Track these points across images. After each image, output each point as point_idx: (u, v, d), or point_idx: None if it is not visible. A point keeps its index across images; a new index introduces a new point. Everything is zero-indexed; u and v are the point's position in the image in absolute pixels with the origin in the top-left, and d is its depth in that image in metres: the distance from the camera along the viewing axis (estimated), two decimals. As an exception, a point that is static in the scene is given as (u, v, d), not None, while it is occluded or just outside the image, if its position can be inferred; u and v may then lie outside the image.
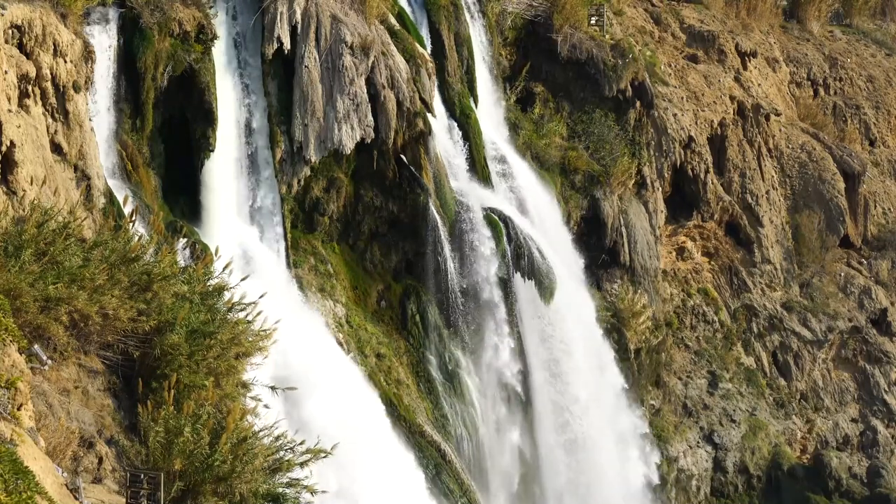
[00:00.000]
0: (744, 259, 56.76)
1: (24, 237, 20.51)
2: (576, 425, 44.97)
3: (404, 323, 41.72)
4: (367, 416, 36.59)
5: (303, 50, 38.91)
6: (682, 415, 52.23)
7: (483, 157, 45.20)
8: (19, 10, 29.56)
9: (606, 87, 50.64)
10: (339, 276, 40.55)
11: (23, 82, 29.48)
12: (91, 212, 30.52)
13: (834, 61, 67.88)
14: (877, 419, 57.25)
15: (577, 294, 46.44)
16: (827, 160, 60.47)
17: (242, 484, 19.14)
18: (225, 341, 21.56)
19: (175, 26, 35.80)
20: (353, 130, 39.29)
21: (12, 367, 17.24)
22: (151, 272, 21.86)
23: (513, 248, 43.03)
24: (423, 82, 41.42)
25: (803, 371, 56.55)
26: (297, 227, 39.81)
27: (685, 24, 60.81)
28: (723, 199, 55.55)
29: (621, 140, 50.65)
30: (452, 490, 39.02)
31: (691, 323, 54.57)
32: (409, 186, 41.16)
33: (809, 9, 68.84)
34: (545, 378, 44.33)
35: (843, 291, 58.96)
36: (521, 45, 51.15)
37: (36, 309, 19.68)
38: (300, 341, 33.88)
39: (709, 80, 57.19)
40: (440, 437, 39.78)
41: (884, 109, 67.50)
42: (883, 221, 62.97)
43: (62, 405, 19.64)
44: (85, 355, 21.02)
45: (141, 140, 35.63)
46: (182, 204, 36.94)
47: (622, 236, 49.58)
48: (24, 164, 28.03)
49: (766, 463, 53.49)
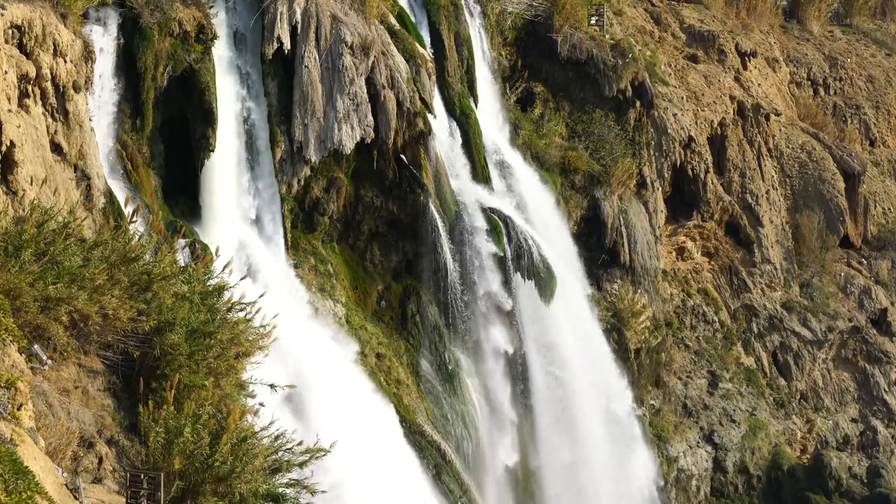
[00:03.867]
0: (744, 259, 56.76)
1: (24, 237, 20.48)
2: (575, 425, 44.95)
3: (404, 323, 41.72)
4: (371, 414, 36.63)
5: (303, 50, 38.91)
6: (682, 415, 52.23)
7: (483, 157, 45.20)
8: (19, 10, 29.56)
9: (606, 87, 50.66)
10: (339, 276, 40.55)
11: (23, 82, 29.48)
12: (91, 212, 30.54)
13: (834, 61, 67.89)
14: (877, 419, 57.25)
15: (576, 294, 46.44)
16: (827, 160, 60.48)
17: (242, 484, 19.13)
18: (225, 341, 21.55)
19: (175, 26, 35.80)
20: (353, 130, 39.30)
21: (12, 367, 17.24)
22: (151, 272, 21.84)
23: (513, 248, 43.03)
24: (423, 82, 41.42)
25: (803, 371, 56.55)
26: (297, 227, 39.80)
27: (685, 24, 60.82)
28: (723, 199, 55.55)
29: (621, 140, 50.66)
30: (452, 490, 39.02)
31: (691, 323, 54.57)
32: (409, 186, 41.16)
33: (809, 9, 68.86)
34: (545, 378, 44.33)
35: (843, 291, 58.96)
36: (521, 45, 51.15)
37: (36, 309, 19.66)
38: (300, 341, 33.89)
39: (709, 80, 57.19)
40: (440, 437, 39.78)
41: (884, 109, 67.51)
42: (883, 221, 62.98)
43: (62, 405, 19.63)
44: (85, 355, 21.01)
45: (141, 140, 35.63)
46: (182, 204, 36.94)
47: (622, 236, 49.59)
48: (24, 164, 28.03)
49: (766, 463, 53.49)
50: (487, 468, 42.16)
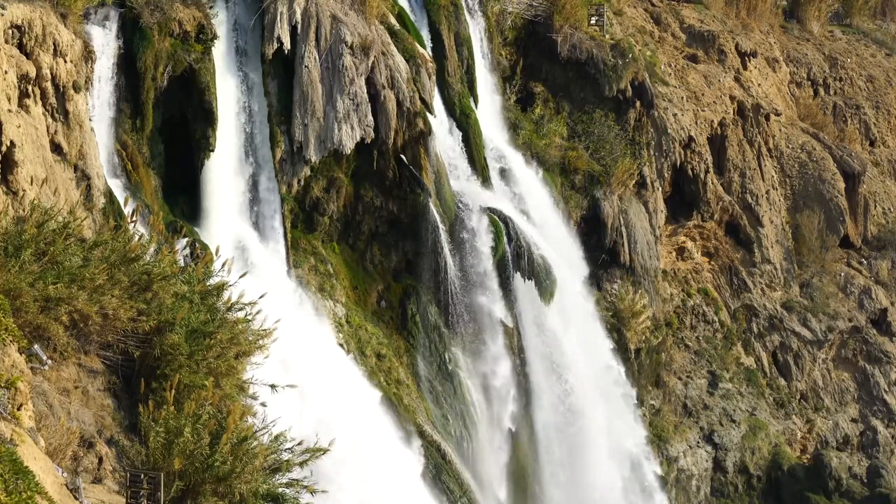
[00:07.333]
0: (744, 259, 56.75)
1: (24, 237, 20.49)
2: (575, 425, 44.94)
3: (404, 323, 41.72)
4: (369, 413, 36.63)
5: (303, 50, 38.91)
6: (682, 415, 52.24)
7: (483, 157, 45.20)
8: (19, 10, 29.57)
9: (606, 87, 50.65)
10: (339, 276, 40.55)
11: (23, 82, 29.49)
12: (91, 212, 30.55)
13: (834, 61, 67.88)
14: (877, 419, 57.25)
15: (576, 294, 46.42)
16: (827, 160, 60.47)
17: (242, 484, 19.13)
18: (225, 341, 21.54)
19: (175, 26, 35.81)
20: (353, 130, 39.30)
21: (12, 367, 17.24)
22: (151, 272, 21.85)
23: (513, 248, 43.03)
24: (423, 82, 41.41)
25: (803, 371, 56.55)
26: (297, 227, 39.80)
27: (685, 24, 60.81)
28: (723, 199, 55.55)
29: (621, 140, 50.66)
30: (452, 490, 39.02)
31: (691, 323, 54.57)
32: (409, 186, 41.15)
33: (809, 9, 68.85)
34: (545, 378, 44.32)
35: (843, 291, 58.95)
36: (521, 45, 51.14)
37: (36, 309, 19.66)
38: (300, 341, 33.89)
39: (709, 80, 57.19)
40: (440, 437, 39.78)
41: (884, 109, 67.50)
42: (883, 221, 62.97)
43: (62, 405, 19.63)
44: (85, 355, 21.01)
45: (141, 140, 35.64)
46: (182, 204, 36.95)
47: (622, 236, 49.58)
48: (24, 164, 28.05)
49: (766, 463, 53.48)
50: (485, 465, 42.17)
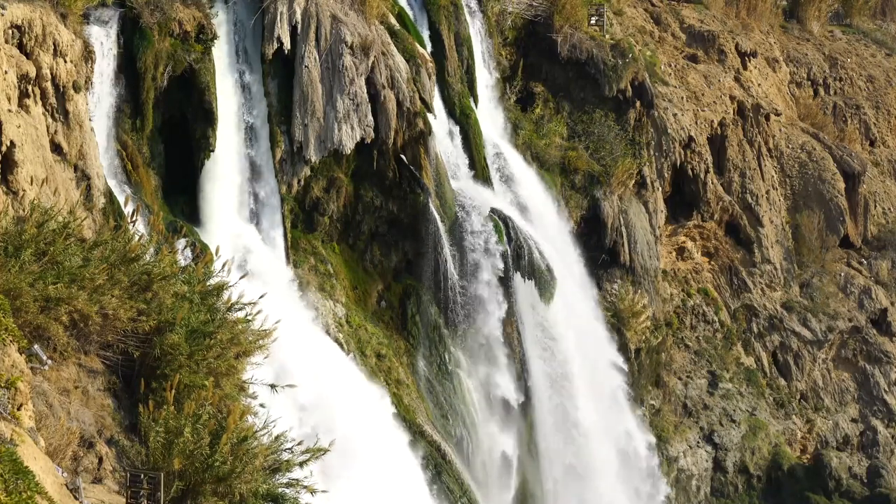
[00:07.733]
0: (744, 259, 56.75)
1: (24, 237, 20.47)
2: (576, 425, 44.95)
3: (404, 323, 41.72)
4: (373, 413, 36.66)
5: (303, 50, 38.91)
6: (682, 415, 52.24)
7: (483, 157, 45.20)
8: (19, 10, 29.57)
9: (606, 87, 50.65)
10: (339, 276, 40.55)
11: (23, 82, 29.49)
12: (91, 212, 30.54)
13: (834, 61, 67.88)
14: (877, 419, 57.25)
15: (576, 294, 46.42)
16: (827, 160, 60.48)
17: (242, 484, 19.12)
18: (225, 341, 21.53)
19: (175, 26, 35.80)
20: (353, 130, 39.29)
21: (12, 367, 17.23)
22: (151, 272, 21.83)
23: (513, 248, 43.02)
24: (423, 82, 41.41)
25: (803, 371, 56.55)
26: (297, 227, 39.80)
27: (685, 24, 60.81)
28: (723, 199, 55.55)
29: (621, 140, 50.66)
30: (452, 490, 39.02)
31: (691, 323, 54.57)
32: (409, 186, 41.15)
33: (809, 9, 68.86)
34: (545, 378, 44.32)
35: (843, 291, 58.95)
36: (521, 45, 51.15)
37: (36, 309, 19.65)
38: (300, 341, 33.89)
39: (709, 80, 57.19)
40: (440, 437, 39.78)
41: (884, 109, 67.51)
42: (883, 221, 62.97)
43: (62, 405, 19.63)
44: (85, 355, 21.00)
45: (141, 140, 35.63)
46: (182, 204, 36.94)
47: (622, 236, 49.58)
48: (24, 164, 28.04)
49: (766, 463, 53.49)
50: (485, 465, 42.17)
